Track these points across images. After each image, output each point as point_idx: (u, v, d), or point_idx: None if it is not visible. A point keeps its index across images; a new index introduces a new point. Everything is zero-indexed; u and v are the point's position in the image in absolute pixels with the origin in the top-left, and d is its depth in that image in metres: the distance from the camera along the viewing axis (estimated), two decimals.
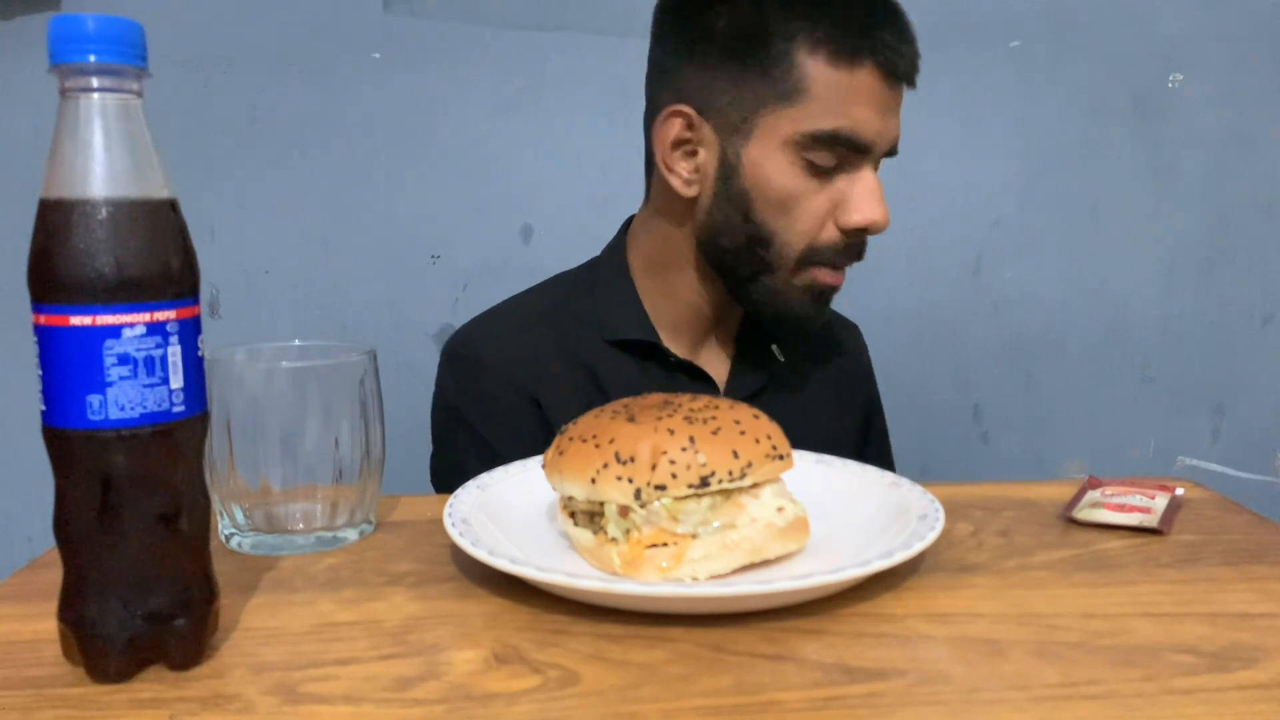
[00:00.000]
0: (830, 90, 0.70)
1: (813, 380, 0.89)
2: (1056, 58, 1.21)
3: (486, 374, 0.78)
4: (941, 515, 0.51)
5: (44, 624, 0.43)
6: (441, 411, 0.81)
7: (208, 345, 0.42)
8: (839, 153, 0.72)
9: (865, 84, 0.70)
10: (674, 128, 0.75)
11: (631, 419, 0.49)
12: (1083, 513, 0.59)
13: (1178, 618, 0.45)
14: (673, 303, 0.82)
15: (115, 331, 0.38)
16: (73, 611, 0.40)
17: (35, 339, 0.38)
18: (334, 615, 0.46)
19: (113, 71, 0.38)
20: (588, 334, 0.81)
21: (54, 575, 0.41)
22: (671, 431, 0.47)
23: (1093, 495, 0.62)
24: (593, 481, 0.47)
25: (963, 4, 1.20)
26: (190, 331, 0.40)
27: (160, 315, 0.39)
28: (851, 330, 0.97)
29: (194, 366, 0.40)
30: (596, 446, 0.48)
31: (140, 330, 0.38)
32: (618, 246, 0.86)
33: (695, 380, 0.81)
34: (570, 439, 0.50)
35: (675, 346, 0.82)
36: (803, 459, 0.62)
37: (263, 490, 0.54)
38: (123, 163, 0.38)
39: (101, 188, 0.37)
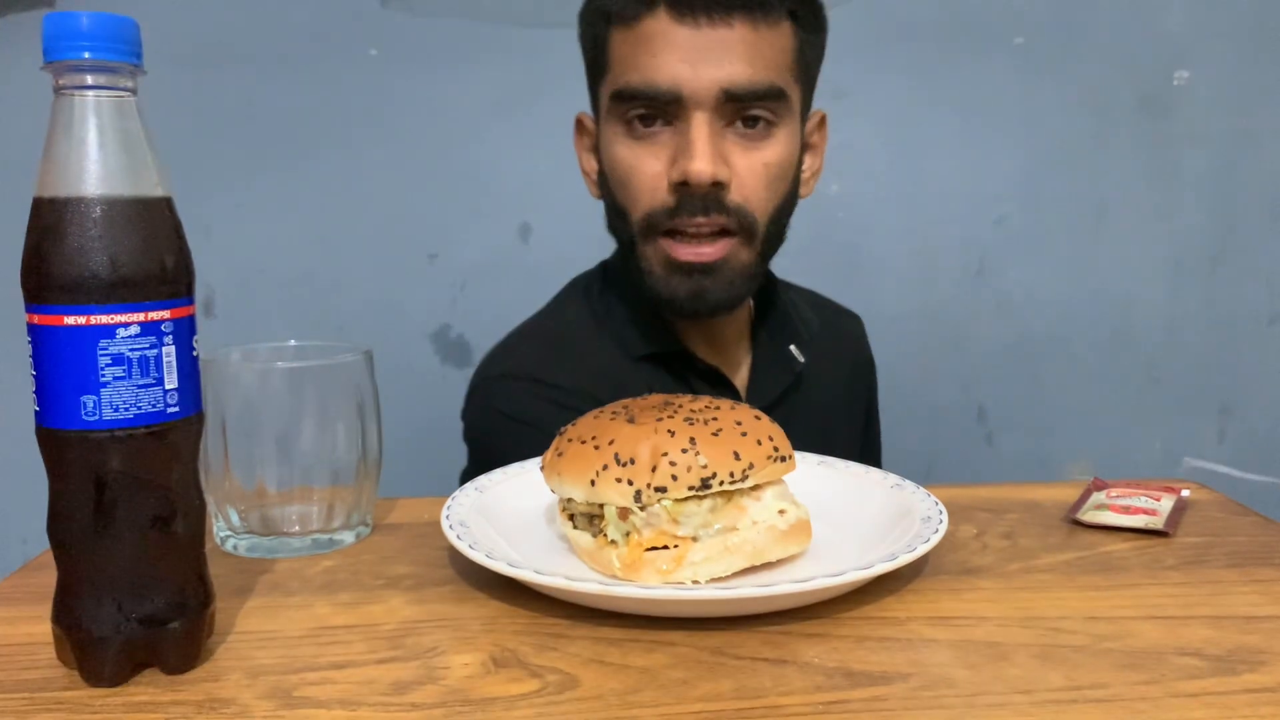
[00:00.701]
0: (622, 49, 0.72)
1: (830, 379, 0.88)
2: (1061, 55, 1.20)
3: (562, 392, 0.76)
4: (945, 517, 0.51)
5: (38, 627, 0.43)
6: (500, 425, 0.78)
7: (203, 345, 0.42)
8: (653, 108, 0.71)
9: (653, 32, 0.70)
10: (579, 135, 0.82)
11: (631, 420, 0.48)
12: (1088, 515, 0.58)
13: (1183, 620, 0.45)
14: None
15: (109, 331, 0.37)
16: (67, 614, 0.39)
17: (29, 339, 0.38)
18: (330, 618, 0.45)
19: (107, 69, 0.37)
20: (618, 352, 0.80)
21: (48, 578, 0.40)
22: (672, 433, 0.47)
23: (1098, 497, 0.61)
24: (592, 483, 0.47)
25: (967, 2, 1.20)
26: (185, 331, 0.40)
27: (155, 315, 0.38)
28: (855, 320, 0.96)
29: (189, 367, 0.40)
30: (596, 448, 0.47)
31: (134, 330, 0.38)
32: (609, 267, 0.85)
33: (716, 387, 0.80)
34: (569, 440, 0.50)
35: (699, 351, 0.82)
36: (805, 460, 0.62)
37: (258, 492, 0.53)
38: (117, 161, 0.38)
39: (96, 186, 0.37)
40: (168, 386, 0.39)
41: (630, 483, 0.46)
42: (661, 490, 0.45)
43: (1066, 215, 1.23)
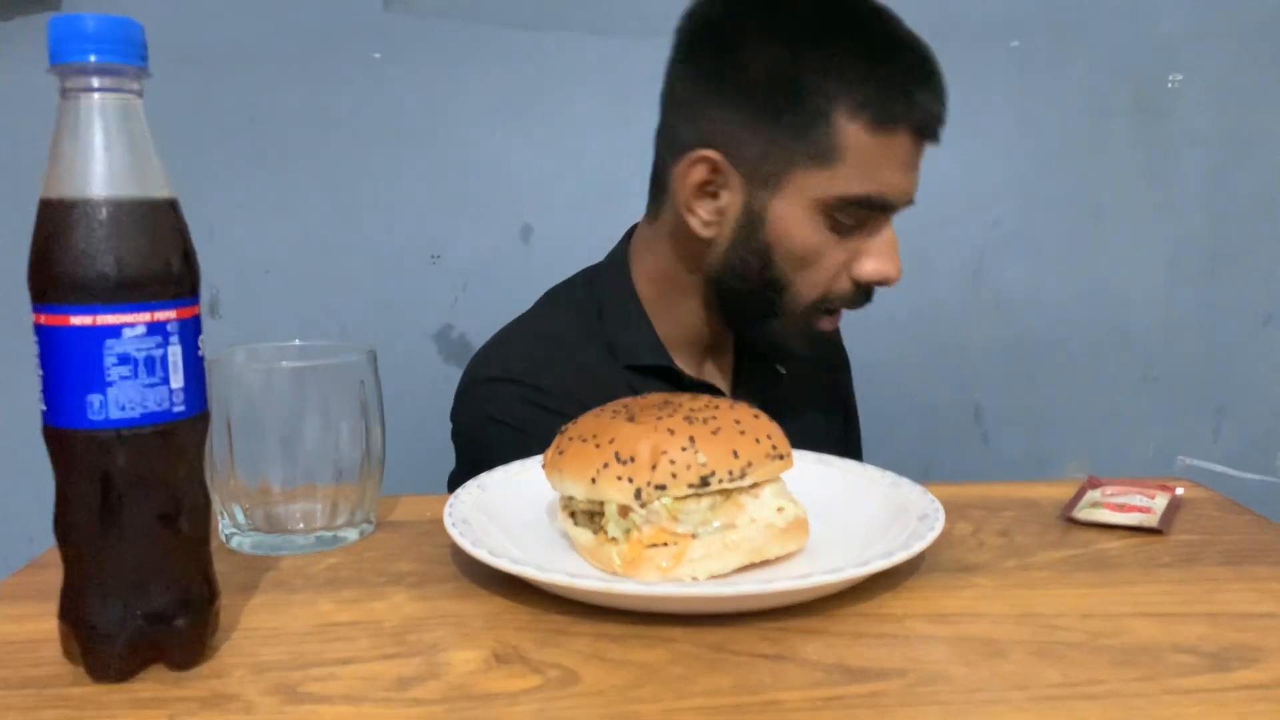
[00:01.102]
0: (866, 156, 0.70)
1: (811, 388, 0.89)
2: (1057, 58, 1.21)
3: (551, 397, 0.76)
4: (942, 515, 0.51)
5: (44, 624, 0.43)
6: (490, 429, 0.77)
7: (208, 345, 0.42)
8: (864, 213, 0.72)
9: (900, 147, 0.71)
10: (700, 172, 0.74)
11: (631, 419, 0.49)
12: (1083, 513, 0.59)
13: (1178, 618, 0.45)
14: (676, 324, 0.82)
15: (116, 331, 0.38)
16: (73, 611, 0.40)
17: (35, 339, 0.38)
18: (334, 615, 0.46)
19: (113, 71, 0.38)
20: (606, 357, 0.80)
21: (54, 575, 0.41)
22: (671, 431, 0.47)
23: (1093, 495, 0.62)
24: (593, 481, 0.47)
25: (963, 5, 1.20)
26: (190, 331, 0.40)
27: (160, 315, 0.39)
28: None
29: (194, 366, 0.40)
30: (597, 446, 0.48)
31: (141, 330, 0.38)
32: (621, 261, 0.84)
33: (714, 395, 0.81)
34: (570, 439, 0.50)
35: (684, 365, 0.82)
36: (803, 459, 0.62)
37: (263, 490, 0.54)
38: (123, 162, 0.38)
39: (102, 187, 0.37)
40: (173, 386, 0.39)
41: (630, 480, 0.46)
42: (661, 488, 0.46)
43: (1062, 216, 1.24)
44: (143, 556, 0.39)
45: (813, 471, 0.59)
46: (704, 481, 0.46)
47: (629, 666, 0.40)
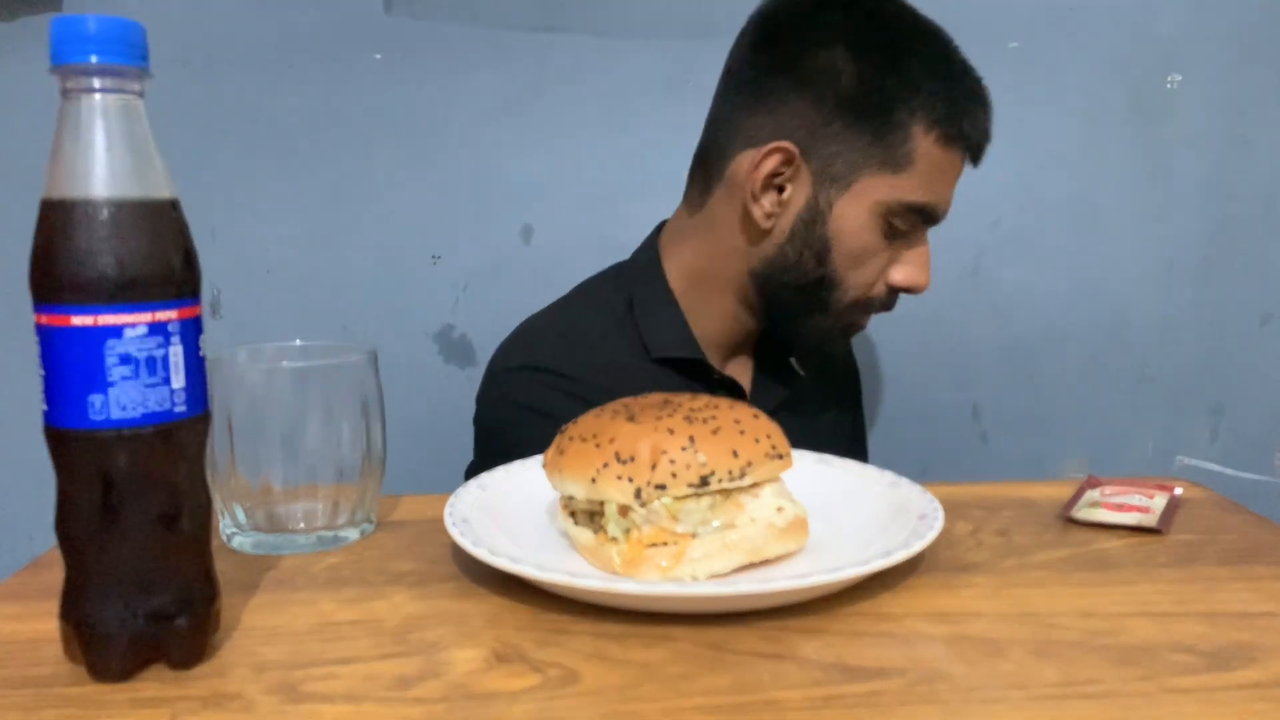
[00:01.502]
0: (933, 167, 0.74)
1: (824, 390, 0.90)
2: (1055, 58, 1.21)
3: (579, 384, 0.76)
4: (940, 515, 0.51)
5: (45, 623, 0.43)
6: (518, 416, 0.78)
7: (209, 345, 0.42)
8: (915, 221, 0.76)
9: (957, 163, 0.76)
10: (773, 162, 0.75)
11: (631, 418, 0.49)
12: (1081, 512, 0.59)
13: (1176, 617, 0.45)
14: (708, 319, 0.82)
15: (117, 331, 0.38)
16: (74, 611, 0.40)
17: (37, 339, 0.38)
18: (335, 614, 0.46)
19: (114, 72, 0.38)
20: (636, 351, 0.81)
21: (55, 575, 0.41)
22: (671, 431, 0.47)
23: (1091, 495, 0.62)
24: (593, 481, 0.47)
25: (961, 5, 1.20)
26: (192, 331, 0.40)
27: (162, 315, 0.39)
28: None
29: (195, 366, 0.40)
30: (597, 446, 0.48)
31: (142, 330, 0.38)
32: (652, 255, 0.84)
33: (733, 393, 0.82)
34: (570, 438, 0.50)
35: (713, 361, 0.83)
36: (802, 458, 0.62)
37: (264, 490, 0.54)
38: (124, 163, 0.38)
39: (103, 188, 0.37)
40: (174, 386, 0.39)
41: (630, 480, 0.46)
42: (661, 488, 0.46)
43: (1061, 217, 1.24)
44: (144, 556, 0.39)
45: (812, 471, 0.60)
46: (704, 481, 0.46)
47: (629, 666, 0.41)
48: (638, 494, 0.46)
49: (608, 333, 0.82)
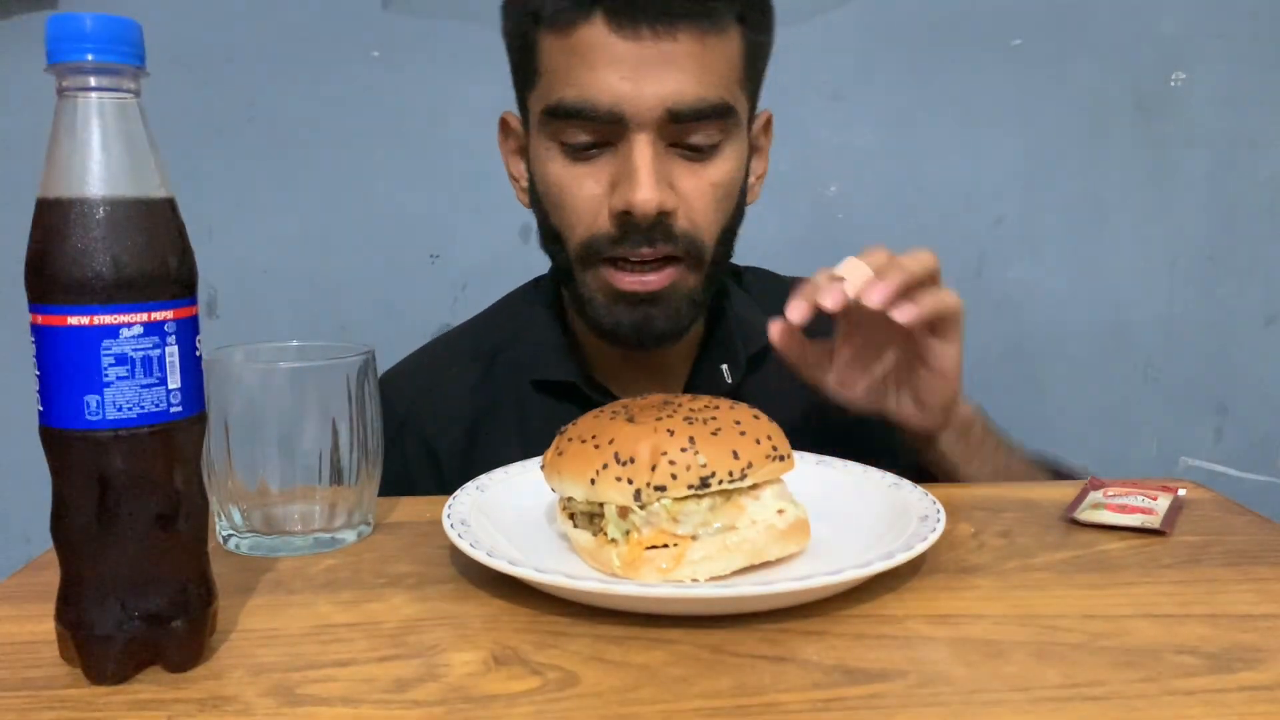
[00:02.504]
0: (555, 59, 0.65)
1: (778, 392, 0.73)
2: (1058, 56, 1.20)
3: (392, 423, 0.72)
4: (942, 516, 0.51)
5: (41, 625, 0.43)
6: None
7: (206, 345, 0.42)
8: (589, 127, 0.65)
9: (590, 43, 0.63)
10: (503, 136, 0.76)
11: (631, 419, 0.48)
12: (1084, 514, 0.58)
13: (1179, 619, 0.45)
14: (588, 333, 0.75)
15: (113, 331, 0.37)
16: (70, 613, 0.39)
17: (32, 339, 0.38)
18: (332, 617, 0.46)
19: (111, 71, 0.38)
20: (515, 375, 0.76)
21: (51, 576, 0.41)
22: (671, 432, 0.47)
23: (1094, 496, 0.62)
24: (592, 482, 0.47)
25: (965, 3, 1.20)
26: (188, 331, 0.40)
27: (158, 315, 0.38)
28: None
29: (192, 367, 0.40)
30: (596, 447, 0.48)
31: (138, 330, 0.38)
32: (546, 277, 0.81)
33: None
34: (569, 439, 0.50)
35: (614, 384, 0.75)
36: (803, 459, 0.62)
37: (261, 491, 0.54)
38: (120, 162, 0.38)
39: (99, 187, 0.37)
40: (171, 386, 0.39)
41: (630, 482, 0.46)
42: (661, 489, 0.46)
43: (1064, 216, 1.24)
44: (140, 558, 0.39)
45: (813, 473, 0.59)
46: (704, 483, 0.46)
47: (628, 668, 0.40)
48: (637, 496, 0.46)
49: (458, 360, 0.79)
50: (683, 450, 0.46)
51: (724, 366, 0.76)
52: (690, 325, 0.72)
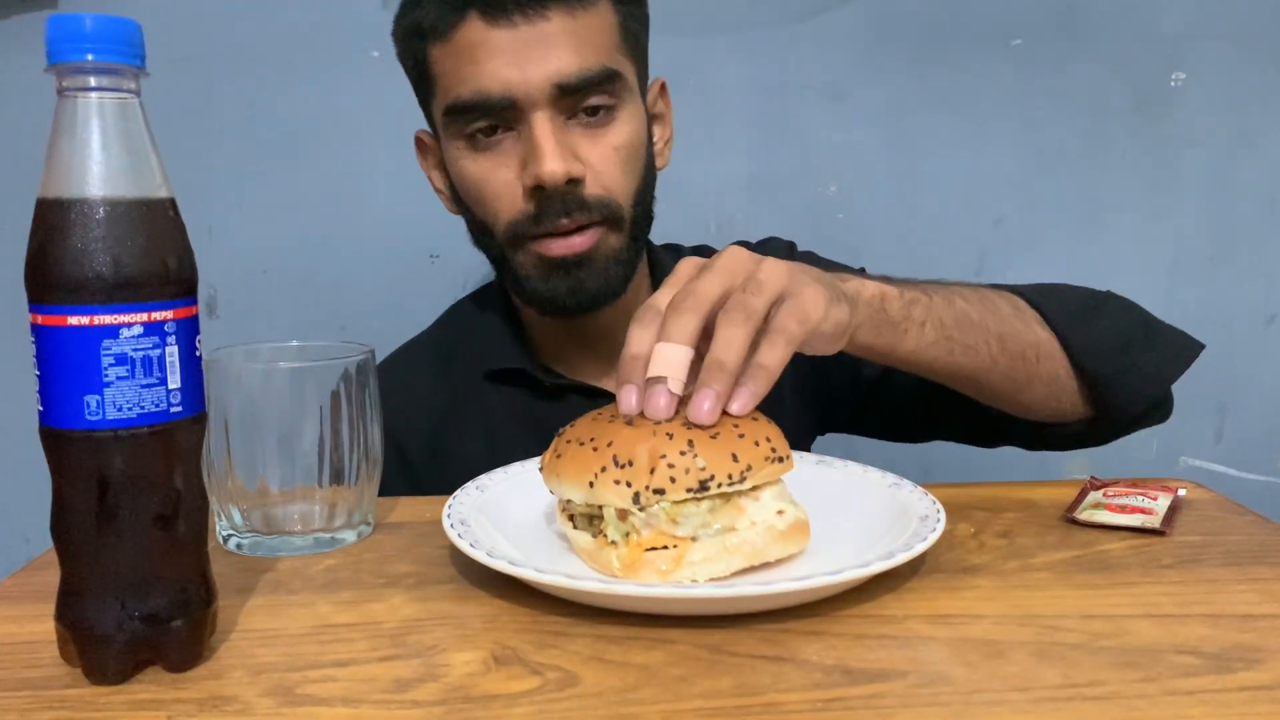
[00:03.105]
0: (444, 64, 0.70)
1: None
2: (1058, 56, 1.20)
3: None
4: (942, 516, 0.51)
5: (41, 625, 0.43)
6: None
7: (205, 345, 0.42)
8: (490, 117, 0.69)
9: (471, 41, 0.68)
10: (421, 154, 0.80)
11: (629, 422, 0.48)
12: (1084, 514, 0.58)
13: (1180, 619, 0.45)
14: (535, 320, 0.79)
15: (113, 331, 0.38)
16: (70, 613, 0.39)
17: (32, 339, 0.38)
18: (332, 617, 0.46)
19: (111, 71, 0.38)
20: (471, 370, 0.79)
21: (51, 576, 0.41)
22: (670, 435, 0.47)
23: (1094, 496, 0.62)
24: (590, 485, 0.47)
25: (964, 3, 1.20)
26: (188, 331, 0.40)
27: (158, 315, 0.38)
28: (777, 254, 0.88)
29: (192, 367, 0.40)
30: (594, 450, 0.48)
31: (138, 330, 0.38)
32: (494, 279, 0.85)
33: (591, 398, 0.77)
34: (568, 441, 0.50)
35: (563, 366, 0.79)
36: (803, 460, 0.62)
37: (261, 491, 0.54)
38: (120, 162, 0.38)
39: (99, 187, 0.37)
40: (171, 386, 0.39)
41: (629, 485, 0.46)
42: (660, 492, 0.46)
43: (1064, 216, 1.23)
44: (140, 558, 0.39)
45: (813, 473, 0.59)
46: (703, 486, 0.46)
47: (628, 668, 0.40)
48: (636, 499, 0.46)
49: (418, 358, 0.82)
50: (681, 454, 0.46)
51: None
52: (622, 287, 0.75)
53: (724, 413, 0.48)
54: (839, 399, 0.86)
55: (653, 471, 0.46)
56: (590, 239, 0.71)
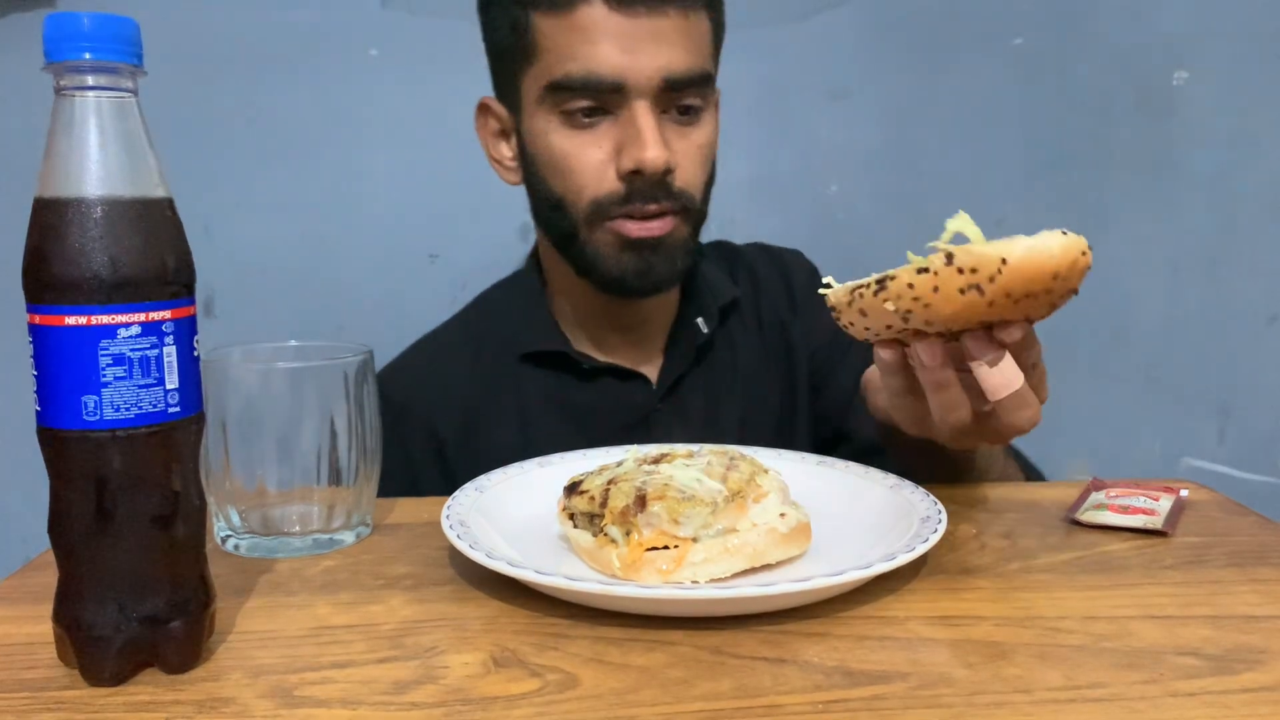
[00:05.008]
0: (555, 38, 0.71)
1: (744, 342, 0.85)
2: (1060, 55, 1.20)
3: (390, 414, 0.73)
4: (944, 517, 0.51)
5: (39, 626, 0.43)
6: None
7: (203, 345, 0.42)
8: (591, 98, 0.71)
9: (590, 21, 0.70)
10: (484, 120, 0.80)
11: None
12: (1086, 514, 0.58)
13: (1182, 620, 0.45)
14: (576, 303, 0.81)
15: (110, 331, 0.37)
16: (68, 614, 0.39)
17: (30, 339, 0.38)
18: (331, 618, 0.46)
19: (108, 70, 0.38)
20: (504, 353, 0.81)
21: (49, 577, 0.40)
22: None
23: (1097, 497, 0.61)
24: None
25: (965, 2, 1.20)
26: (186, 331, 0.40)
27: (155, 315, 0.38)
28: (779, 259, 0.91)
29: (190, 367, 0.40)
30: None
31: (135, 330, 0.38)
32: (533, 257, 0.86)
33: (625, 380, 0.80)
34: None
35: (598, 350, 0.81)
36: (804, 460, 0.62)
37: (259, 492, 0.53)
38: (118, 161, 0.38)
39: (97, 187, 0.37)
40: (169, 386, 0.39)
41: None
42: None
43: (1066, 215, 1.23)
44: (138, 559, 0.39)
45: (814, 473, 0.59)
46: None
47: (628, 670, 0.40)
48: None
49: (454, 345, 0.83)
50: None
51: (699, 320, 0.83)
52: (681, 274, 0.78)
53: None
54: (801, 374, 0.88)
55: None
56: (667, 225, 0.74)
